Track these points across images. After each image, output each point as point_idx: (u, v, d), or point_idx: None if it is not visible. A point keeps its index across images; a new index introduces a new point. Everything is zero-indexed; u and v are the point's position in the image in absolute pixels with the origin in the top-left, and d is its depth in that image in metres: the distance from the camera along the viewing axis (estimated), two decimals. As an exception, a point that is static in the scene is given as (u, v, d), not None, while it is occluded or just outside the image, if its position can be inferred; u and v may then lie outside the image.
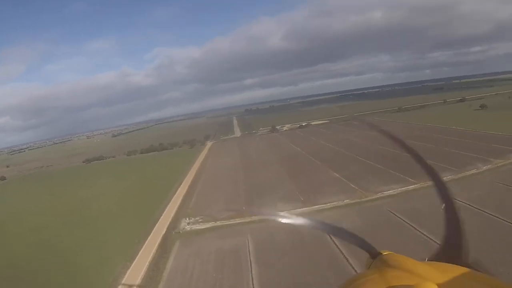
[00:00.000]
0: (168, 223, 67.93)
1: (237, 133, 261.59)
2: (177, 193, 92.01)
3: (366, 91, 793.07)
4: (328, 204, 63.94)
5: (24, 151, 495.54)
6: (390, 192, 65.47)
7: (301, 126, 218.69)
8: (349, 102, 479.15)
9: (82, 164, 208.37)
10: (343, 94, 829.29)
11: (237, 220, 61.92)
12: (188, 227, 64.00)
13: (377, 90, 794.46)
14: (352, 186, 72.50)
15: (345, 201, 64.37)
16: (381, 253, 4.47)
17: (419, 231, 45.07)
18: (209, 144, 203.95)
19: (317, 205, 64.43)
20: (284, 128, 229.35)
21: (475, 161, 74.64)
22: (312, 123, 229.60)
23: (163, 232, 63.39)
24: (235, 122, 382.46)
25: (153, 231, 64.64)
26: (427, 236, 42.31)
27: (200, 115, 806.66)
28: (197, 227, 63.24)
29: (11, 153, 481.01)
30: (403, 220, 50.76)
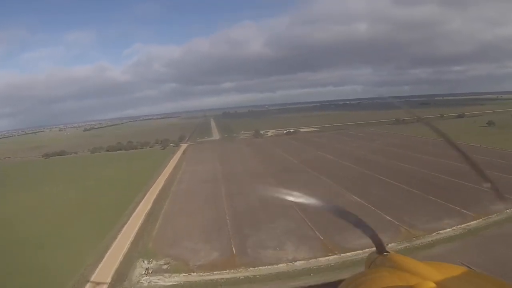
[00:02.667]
0: (114, 268, 43.33)
1: (216, 135, 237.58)
2: (136, 211, 67.73)
3: (347, 102, 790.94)
4: (366, 249, 40.93)
5: None
6: (448, 231, 46.48)
7: (289, 133, 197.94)
8: (333, 111, 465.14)
9: (41, 158, 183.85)
10: (323, 103, 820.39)
11: (225, 274, 38.75)
12: (145, 281, 39.81)
13: (358, 102, 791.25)
14: (389, 219, 51.57)
15: (389, 245, 40.90)
16: (389, 251, 4.37)
17: None
18: (183, 146, 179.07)
19: (348, 250, 41.86)
20: (269, 134, 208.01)
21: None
22: (301, 130, 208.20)
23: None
24: (213, 124, 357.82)
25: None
26: None
27: (176, 115, 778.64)
28: (160, 282, 39.19)
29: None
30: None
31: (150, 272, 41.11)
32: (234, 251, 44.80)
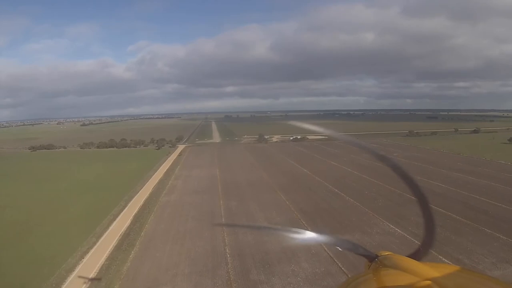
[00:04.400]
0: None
1: (216, 138, 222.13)
2: (109, 231, 52.53)
3: (351, 112, 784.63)
4: None
5: None
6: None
7: (295, 139, 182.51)
8: (338, 120, 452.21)
9: (26, 151, 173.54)
10: (327, 112, 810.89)
11: None
12: None
13: (362, 112, 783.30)
14: (443, 260, 35.40)
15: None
16: (379, 255, 4.28)
17: None
18: (180, 147, 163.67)
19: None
20: (274, 139, 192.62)
21: None
22: (309, 137, 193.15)
23: None
24: (214, 126, 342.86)
25: None
26: None
27: (177, 116, 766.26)
28: None
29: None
30: None
31: None
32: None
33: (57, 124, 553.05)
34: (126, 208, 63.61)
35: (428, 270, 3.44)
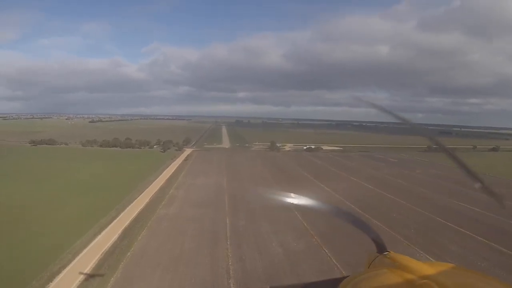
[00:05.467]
0: None
1: (226, 143, 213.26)
2: (90, 247, 43.74)
3: (363, 124, 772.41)
4: None
5: None
6: None
7: (309, 149, 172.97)
8: (350, 131, 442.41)
9: (26, 144, 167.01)
10: (338, 122, 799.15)
11: None
12: None
13: (374, 124, 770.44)
14: None
15: None
16: (389, 251, 4.24)
17: None
18: (187, 151, 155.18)
19: None
20: (286, 148, 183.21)
21: None
22: (323, 147, 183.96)
23: None
24: (224, 130, 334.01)
25: None
26: None
27: (188, 118, 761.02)
28: None
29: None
30: None
31: None
32: None
33: (66, 119, 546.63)
34: (117, 219, 54.86)
35: (428, 269, 3.39)
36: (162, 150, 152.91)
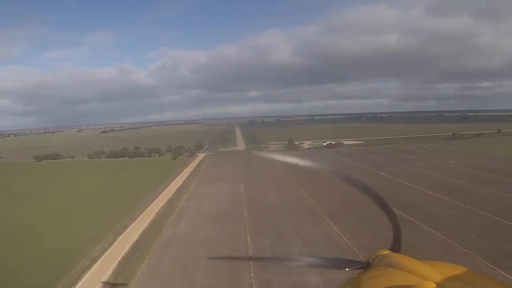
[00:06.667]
0: None
1: (241, 145, 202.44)
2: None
3: (378, 115, 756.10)
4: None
5: (9, 136, 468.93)
6: None
7: (330, 145, 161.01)
8: (367, 123, 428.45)
9: (30, 160, 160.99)
10: (353, 115, 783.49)
11: None
12: None
13: (388, 115, 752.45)
14: None
15: None
16: (374, 258, 4.29)
17: None
18: (200, 156, 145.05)
19: None
20: (305, 146, 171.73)
21: None
22: (344, 142, 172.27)
23: None
24: (238, 132, 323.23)
25: None
26: None
27: (200, 122, 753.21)
28: None
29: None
30: None
31: None
32: None
33: (78, 131, 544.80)
34: (113, 246, 44.64)
35: (428, 269, 3.40)
36: (173, 157, 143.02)
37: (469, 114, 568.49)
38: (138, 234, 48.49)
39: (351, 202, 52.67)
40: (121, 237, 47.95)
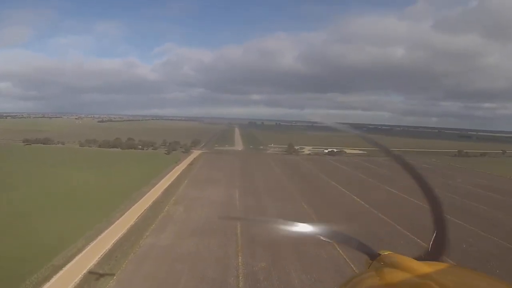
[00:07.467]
0: None
1: (239, 145, 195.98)
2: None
3: (379, 127, 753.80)
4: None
5: (6, 118, 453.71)
6: None
7: (331, 153, 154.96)
8: (370, 134, 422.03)
9: (19, 143, 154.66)
10: (353, 125, 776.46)
11: None
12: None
13: (389, 127, 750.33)
14: None
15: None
16: (380, 254, 4.17)
17: None
18: (195, 153, 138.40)
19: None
20: (305, 151, 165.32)
21: None
22: (347, 151, 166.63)
23: None
24: (237, 132, 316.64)
25: None
26: None
27: (201, 119, 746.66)
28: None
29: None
30: None
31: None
32: None
33: (76, 118, 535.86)
34: (81, 254, 38.02)
35: (427, 269, 3.38)
36: (166, 151, 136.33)
37: (469, 133, 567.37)
38: (113, 241, 41.76)
39: (356, 219, 46.37)
40: (92, 243, 41.31)
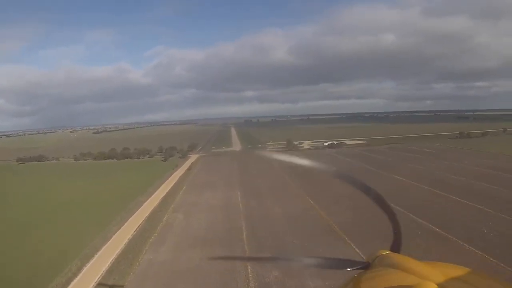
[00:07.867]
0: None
1: (236, 145, 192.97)
2: None
3: (375, 115, 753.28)
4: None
5: (1, 137, 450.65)
6: None
7: (332, 145, 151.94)
8: (364, 123, 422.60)
9: (13, 162, 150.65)
10: (349, 115, 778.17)
11: None
12: None
13: (385, 115, 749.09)
14: None
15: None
16: (375, 257, 4.26)
17: None
18: (193, 157, 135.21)
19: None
20: (304, 146, 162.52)
21: None
22: (347, 142, 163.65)
23: None
24: (233, 131, 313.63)
25: None
26: None
27: (195, 122, 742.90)
28: None
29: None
30: None
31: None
32: None
33: (71, 132, 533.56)
34: (77, 279, 34.92)
35: (428, 269, 3.40)
36: (163, 158, 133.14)
37: (466, 113, 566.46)
38: (110, 261, 38.58)
39: (367, 214, 43.40)
40: (88, 265, 38.16)
